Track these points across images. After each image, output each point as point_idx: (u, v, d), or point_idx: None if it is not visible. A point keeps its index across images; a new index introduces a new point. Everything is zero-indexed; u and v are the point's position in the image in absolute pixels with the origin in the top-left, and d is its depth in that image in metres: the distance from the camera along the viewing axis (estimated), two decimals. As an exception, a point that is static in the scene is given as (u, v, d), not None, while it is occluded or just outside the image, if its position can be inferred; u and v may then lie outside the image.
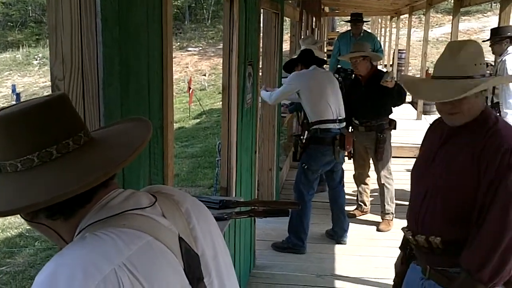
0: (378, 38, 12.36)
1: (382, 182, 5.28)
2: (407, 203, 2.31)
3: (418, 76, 11.17)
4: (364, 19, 8.30)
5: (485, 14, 24.88)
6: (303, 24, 8.34)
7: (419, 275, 2.19)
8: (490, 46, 5.55)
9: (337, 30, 21.40)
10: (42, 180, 0.98)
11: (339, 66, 7.88)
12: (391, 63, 15.58)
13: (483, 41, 6.13)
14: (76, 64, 1.54)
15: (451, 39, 7.91)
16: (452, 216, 2.04)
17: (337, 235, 4.99)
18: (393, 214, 5.32)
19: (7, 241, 6.25)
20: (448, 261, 2.05)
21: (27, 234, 6.34)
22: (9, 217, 6.96)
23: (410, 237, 2.17)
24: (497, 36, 5.39)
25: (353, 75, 5.64)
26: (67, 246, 1.01)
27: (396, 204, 5.33)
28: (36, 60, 23.30)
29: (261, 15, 4.41)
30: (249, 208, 3.11)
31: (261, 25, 4.79)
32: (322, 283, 4.23)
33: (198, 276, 1.11)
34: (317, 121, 4.62)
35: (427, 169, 2.16)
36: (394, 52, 14.62)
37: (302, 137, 4.78)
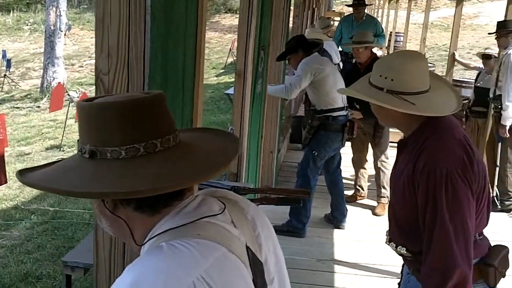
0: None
1: (379, 166, 5.37)
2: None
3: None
4: (367, 2, 8.27)
5: (480, 0, 24.86)
6: (306, 4, 8.28)
7: (407, 269, 2.23)
8: (496, 38, 5.57)
9: (333, 9, 21.25)
10: (153, 168, 0.99)
11: (340, 50, 7.85)
12: (386, 45, 15.56)
13: (489, 33, 6.16)
14: (122, 59, 1.52)
15: (453, 25, 7.92)
16: (405, 231, 2.04)
17: (336, 220, 5.05)
18: (388, 198, 5.37)
19: (2, 213, 6.23)
20: (420, 265, 2.01)
21: (22, 207, 6.33)
22: (3, 188, 6.91)
23: (386, 243, 2.19)
24: (504, 29, 5.41)
25: (353, 61, 5.69)
26: (145, 255, 1.02)
27: None
28: (27, 25, 22.87)
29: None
30: (261, 195, 3.14)
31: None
32: (322, 268, 4.29)
33: (264, 284, 1.12)
34: (329, 109, 4.62)
35: (392, 181, 2.17)
36: (390, 35, 14.58)
37: (310, 122, 4.76)
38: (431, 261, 1.88)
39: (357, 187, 5.77)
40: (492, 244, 2.14)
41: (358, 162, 5.68)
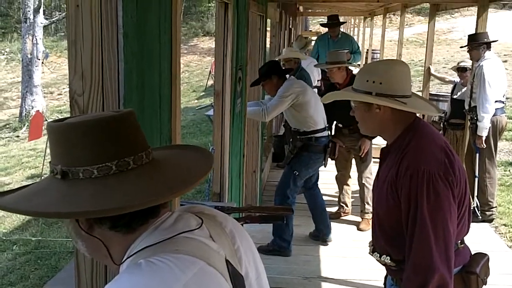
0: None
1: (363, 182, 5.40)
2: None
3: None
4: (341, 21, 8.40)
5: (452, 15, 25.36)
6: (282, 24, 8.37)
7: (390, 281, 2.23)
8: (468, 51, 5.68)
9: (310, 29, 21.50)
10: (126, 186, 0.99)
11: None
12: (364, 63, 15.77)
13: (461, 47, 6.28)
14: (96, 80, 1.52)
15: (427, 41, 8.06)
16: (389, 238, 2.05)
17: (322, 233, 5.05)
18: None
19: (-17, 245, 6.10)
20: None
21: (3, 238, 6.21)
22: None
23: (369, 253, 2.20)
24: (475, 42, 5.53)
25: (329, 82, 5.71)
26: (123, 274, 1.01)
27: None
28: (3, 54, 22.73)
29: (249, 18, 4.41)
30: (245, 214, 3.13)
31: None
32: (309, 286, 4.27)
33: None
34: (312, 131, 4.64)
35: (375, 190, 2.19)
36: (367, 52, 14.78)
37: (292, 142, 4.73)
38: (411, 264, 1.88)
39: (341, 203, 5.78)
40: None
41: (342, 179, 5.70)
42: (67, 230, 1.12)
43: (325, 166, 4.86)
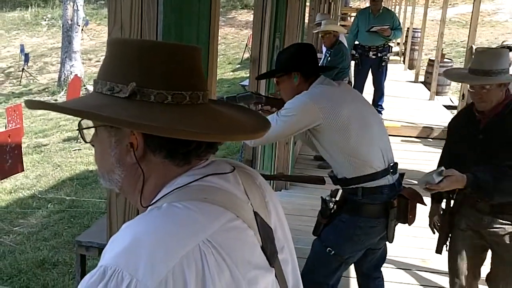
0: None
1: None
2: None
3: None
4: (384, -4, 8.22)
5: (499, -4, 24.54)
6: (322, -3, 8.25)
7: None
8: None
9: (350, 5, 21.15)
10: (200, 118, 0.96)
11: (356, 42, 7.80)
12: (404, 41, 15.46)
13: None
14: (135, 31, 1.53)
15: (470, 22, 7.82)
16: None
17: None
18: None
19: (20, 201, 6.30)
20: None
21: (39, 196, 6.40)
22: (20, 177, 7.00)
23: None
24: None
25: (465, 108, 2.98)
26: (146, 215, 0.95)
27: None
28: (45, 20, 23.12)
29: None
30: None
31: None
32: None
33: (274, 251, 1.08)
34: (359, 177, 2.52)
35: None
36: (408, 31, 14.48)
37: (329, 199, 2.66)
38: None
39: None
40: None
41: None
42: (102, 157, 1.03)
43: (389, 239, 2.65)
